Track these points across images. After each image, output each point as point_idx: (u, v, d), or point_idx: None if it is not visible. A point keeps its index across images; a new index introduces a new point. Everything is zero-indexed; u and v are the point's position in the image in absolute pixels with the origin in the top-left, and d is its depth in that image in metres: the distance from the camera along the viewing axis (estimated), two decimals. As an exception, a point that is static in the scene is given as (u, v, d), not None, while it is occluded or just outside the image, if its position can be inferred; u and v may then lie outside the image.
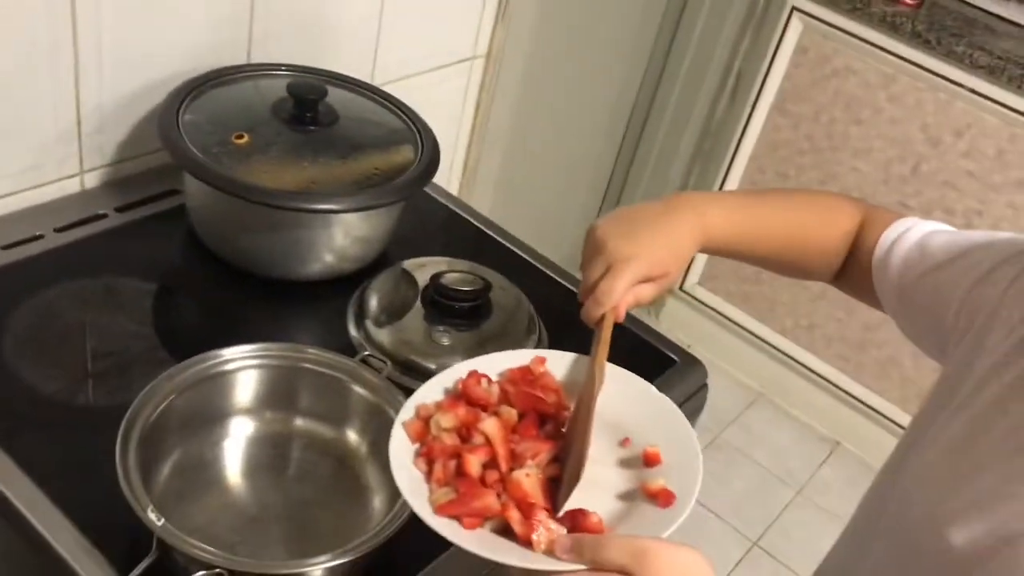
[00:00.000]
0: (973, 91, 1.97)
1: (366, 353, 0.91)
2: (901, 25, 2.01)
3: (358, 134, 1.08)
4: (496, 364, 0.78)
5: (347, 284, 1.05)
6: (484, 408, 0.73)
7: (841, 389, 2.38)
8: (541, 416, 0.73)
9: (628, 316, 1.14)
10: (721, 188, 2.37)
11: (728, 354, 2.53)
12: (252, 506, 0.82)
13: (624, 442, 0.74)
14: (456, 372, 0.76)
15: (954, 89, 1.99)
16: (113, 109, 1.08)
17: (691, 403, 1.09)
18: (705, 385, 1.11)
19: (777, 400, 2.51)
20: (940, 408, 0.79)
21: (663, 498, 0.67)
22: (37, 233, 1.01)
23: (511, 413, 0.72)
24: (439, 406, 0.72)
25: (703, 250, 0.89)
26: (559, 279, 1.18)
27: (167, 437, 0.79)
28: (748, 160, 2.33)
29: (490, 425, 0.69)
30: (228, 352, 0.83)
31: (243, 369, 0.84)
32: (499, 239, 1.23)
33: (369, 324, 1.01)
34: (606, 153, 2.43)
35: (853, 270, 0.95)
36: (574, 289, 1.18)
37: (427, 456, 0.69)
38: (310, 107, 1.05)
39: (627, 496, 0.69)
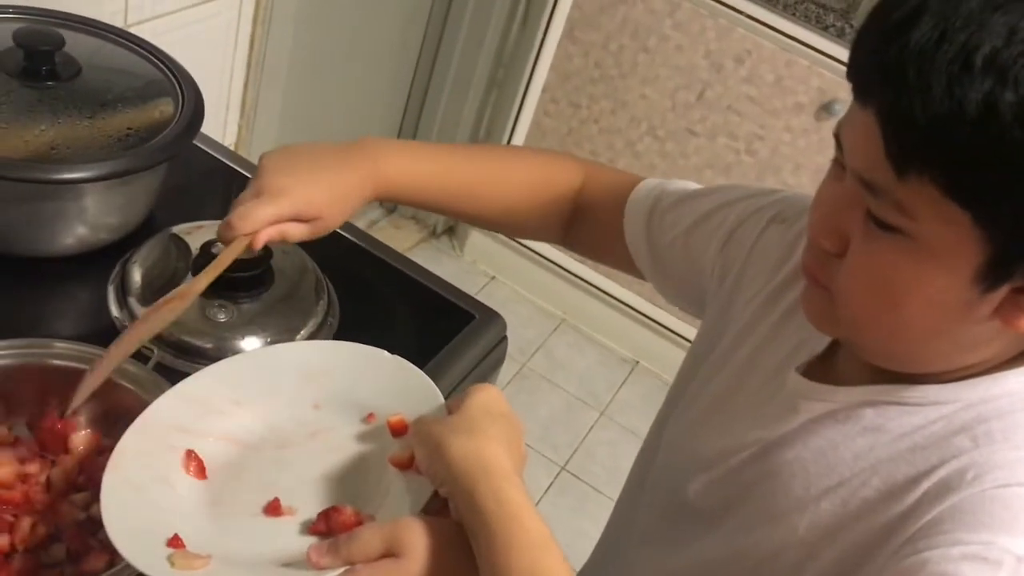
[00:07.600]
0: (752, 17, 2.02)
1: (129, 340, 0.82)
2: (682, -49, 2.03)
3: (106, 88, 0.96)
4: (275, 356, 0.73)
5: (108, 258, 0.95)
6: None
7: (639, 312, 2.46)
8: None
9: (425, 272, 1.12)
10: (517, 118, 2.34)
11: (531, 284, 2.55)
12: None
13: (368, 418, 0.71)
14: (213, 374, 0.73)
15: (734, 16, 2.04)
16: None
17: (491, 357, 1.07)
18: (505, 338, 1.08)
19: (579, 325, 2.56)
20: (700, 364, 0.82)
21: (414, 465, 0.64)
22: None
23: None
24: None
25: (381, 198, 0.87)
26: (348, 235, 1.11)
27: None
28: (541, 91, 2.31)
29: None
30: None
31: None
32: (281, 195, 1.14)
33: (133, 302, 0.91)
34: (399, 85, 2.33)
35: (592, 233, 0.94)
36: (363, 245, 1.12)
37: None
38: (44, 59, 0.92)
39: (378, 473, 0.66)
